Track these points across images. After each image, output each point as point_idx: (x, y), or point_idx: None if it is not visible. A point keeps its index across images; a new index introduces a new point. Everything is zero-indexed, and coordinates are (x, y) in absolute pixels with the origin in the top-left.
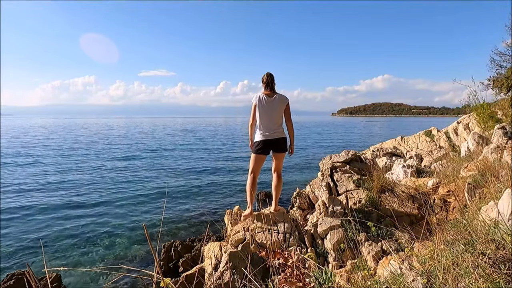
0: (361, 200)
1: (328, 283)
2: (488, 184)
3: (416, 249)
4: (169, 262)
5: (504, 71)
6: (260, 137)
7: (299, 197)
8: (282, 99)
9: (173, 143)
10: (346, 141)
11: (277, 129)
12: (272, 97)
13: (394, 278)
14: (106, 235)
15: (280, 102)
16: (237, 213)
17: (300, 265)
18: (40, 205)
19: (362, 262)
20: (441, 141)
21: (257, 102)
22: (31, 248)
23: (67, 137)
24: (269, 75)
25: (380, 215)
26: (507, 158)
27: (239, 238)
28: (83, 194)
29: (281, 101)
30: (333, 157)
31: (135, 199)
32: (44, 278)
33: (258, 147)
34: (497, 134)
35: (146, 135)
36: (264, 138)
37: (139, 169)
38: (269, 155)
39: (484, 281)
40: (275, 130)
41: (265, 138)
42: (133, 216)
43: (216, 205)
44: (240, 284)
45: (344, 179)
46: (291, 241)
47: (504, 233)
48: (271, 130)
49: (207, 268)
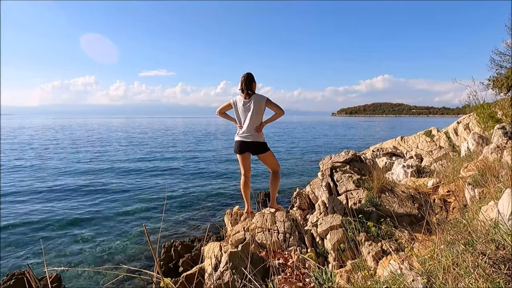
0: (361, 200)
1: (328, 283)
2: (488, 184)
3: (416, 249)
4: (169, 262)
5: (504, 71)
6: (237, 138)
7: (299, 197)
8: (258, 100)
9: (172, 143)
10: (346, 141)
11: (251, 131)
12: (248, 100)
13: (394, 278)
14: (106, 235)
15: (256, 104)
16: (237, 213)
17: (300, 265)
18: (40, 205)
19: (362, 262)
20: (441, 141)
21: (233, 104)
22: (31, 248)
23: (67, 138)
24: (246, 78)
25: (380, 215)
26: (507, 158)
27: (239, 238)
28: (83, 194)
29: (257, 102)
30: (333, 157)
31: (135, 199)
32: (44, 278)
33: (235, 147)
34: (497, 134)
35: (146, 135)
36: (240, 139)
37: (139, 170)
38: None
39: (484, 281)
40: (250, 133)
41: (241, 139)
42: (133, 216)
43: (216, 205)
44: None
45: (344, 179)
46: (291, 241)
47: (504, 233)
48: (247, 132)
49: (207, 268)
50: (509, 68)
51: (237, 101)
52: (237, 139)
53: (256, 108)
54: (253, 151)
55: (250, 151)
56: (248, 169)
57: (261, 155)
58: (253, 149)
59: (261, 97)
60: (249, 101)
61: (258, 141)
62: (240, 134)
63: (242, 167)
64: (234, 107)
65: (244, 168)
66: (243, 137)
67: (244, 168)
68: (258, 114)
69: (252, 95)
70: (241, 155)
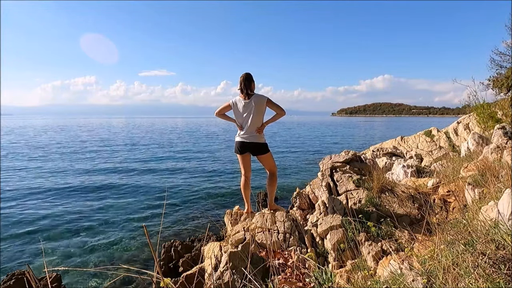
0: (361, 200)
1: (328, 283)
2: (488, 184)
3: (416, 249)
4: (169, 262)
5: (504, 71)
6: (237, 138)
7: (299, 197)
8: (258, 100)
9: (172, 143)
10: (346, 141)
11: (252, 132)
12: (248, 100)
13: (394, 278)
14: (106, 235)
15: (257, 104)
16: (237, 213)
17: (300, 265)
18: (40, 206)
19: (362, 262)
20: (441, 141)
21: (232, 105)
22: (31, 248)
23: (66, 137)
24: (245, 79)
25: (380, 215)
26: (507, 158)
27: (239, 238)
28: (83, 195)
29: (258, 103)
30: (333, 157)
31: (135, 199)
32: (44, 278)
33: (236, 147)
34: (497, 134)
35: (146, 136)
36: (240, 139)
37: (139, 170)
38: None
39: (484, 281)
40: (251, 134)
41: (242, 140)
42: (133, 216)
43: (216, 205)
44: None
45: (344, 179)
46: (291, 241)
47: (504, 233)
48: (248, 133)
49: (207, 268)
50: (509, 68)
51: (237, 102)
52: (238, 139)
53: (256, 108)
54: (254, 151)
55: (251, 152)
56: (248, 169)
57: (261, 156)
58: (253, 150)
59: (261, 97)
60: (249, 101)
61: (259, 142)
62: (240, 135)
63: (242, 168)
64: (233, 108)
65: (245, 168)
66: (243, 138)
67: (244, 169)
68: (258, 114)
69: (252, 95)
70: (242, 156)
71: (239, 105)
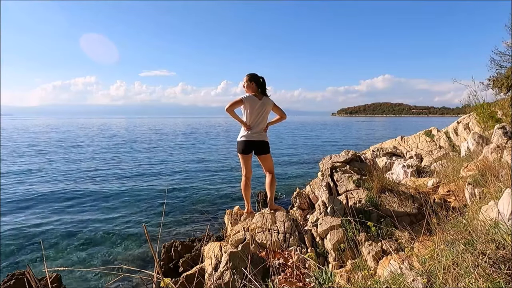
0: (361, 200)
1: (328, 283)
2: (488, 184)
3: (416, 249)
4: (169, 262)
5: (504, 71)
6: (244, 138)
7: (299, 197)
8: (268, 102)
9: (172, 143)
10: (346, 141)
11: (261, 131)
12: (261, 101)
13: (394, 278)
14: (106, 235)
15: (267, 105)
16: (237, 213)
17: (300, 265)
18: (40, 206)
19: (362, 262)
20: (441, 141)
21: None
22: (31, 248)
23: (66, 139)
24: (262, 79)
25: (380, 215)
26: (507, 158)
27: (239, 238)
28: (83, 195)
29: (268, 104)
30: (333, 157)
31: (135, 199)
32: (44, 278)
33: (241, 146)
34: (497, 134)
35: (146, 135)
36: (247, 138)
37: (139, 170)
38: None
39: (484, 281)
40: (259, 133)
41: (249, 139)
42: (133, 216)
43: (216, 205)
44: (240, 284)
45: (344, 179)
46: (291, 241)
47: (504, 233)
48: (257, 132)
49: (207, 268)
50: (509, 68)
51: (250, 100)
52: (243, 139)
53: (267, 109)
54: (258, 150)
55: (255, 150)
56: (249, 170)
57: (263, 155)
58: (259, 148)
59: (269, 100)
60: (262, 101)
61: (265, 141)
62: (248, 134)
63: (244, 168)
64: (245, 104)
65: (246, 169)
66: (253, 136)
67: (246, 169)
68: (267, 115)
69: (263, 97)
70: (246, 156)
71: (252, 103)
